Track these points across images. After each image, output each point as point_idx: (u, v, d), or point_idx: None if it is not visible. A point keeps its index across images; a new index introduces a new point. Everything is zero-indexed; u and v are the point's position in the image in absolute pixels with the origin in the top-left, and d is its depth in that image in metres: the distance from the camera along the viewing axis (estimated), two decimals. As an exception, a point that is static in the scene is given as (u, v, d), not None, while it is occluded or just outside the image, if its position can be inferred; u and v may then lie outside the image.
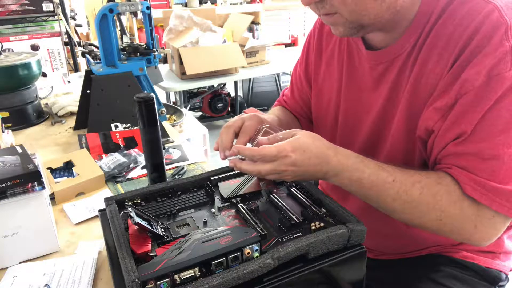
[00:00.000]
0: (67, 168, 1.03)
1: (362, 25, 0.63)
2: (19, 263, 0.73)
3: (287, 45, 4.58)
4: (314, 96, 0.91)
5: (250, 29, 4.04)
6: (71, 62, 2.45)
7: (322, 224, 0.59)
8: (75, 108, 1.46)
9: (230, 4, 4.20)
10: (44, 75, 1.78)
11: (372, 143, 0.78)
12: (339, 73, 0.82)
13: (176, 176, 1.03)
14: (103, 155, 1.10)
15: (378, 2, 0.60)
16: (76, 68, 2.46)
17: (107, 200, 0.68)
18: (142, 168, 1.06)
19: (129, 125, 1.25)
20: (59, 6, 2.23)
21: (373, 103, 0.76)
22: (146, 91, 1.29)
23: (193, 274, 0.50)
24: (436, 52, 0.63)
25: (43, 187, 0.70)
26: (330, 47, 0.85)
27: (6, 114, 1.34)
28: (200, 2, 4.04)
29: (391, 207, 0.64)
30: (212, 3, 4.08)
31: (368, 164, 0.64)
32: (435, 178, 0.63)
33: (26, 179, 0.68)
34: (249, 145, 0.69)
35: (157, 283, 0.48)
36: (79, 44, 2.29)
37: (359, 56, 0.77)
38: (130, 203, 0.67)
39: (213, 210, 0.67)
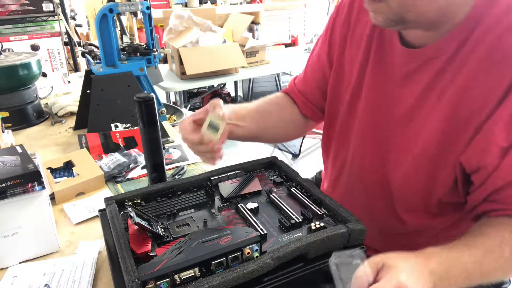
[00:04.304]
0: (67, 168, 1.03)
1: (405, 20, 0.61)
2: (19, 263, 0.73)
3: (287, 45, 4.58)
4: (334, 76, 0.85)
5: (250, 29, 4.04)
6: (71, 62, 2.45)
7: (322, 224, 0.59)
8: (75, 108, 1.46)
9: (230, 4, 4.20)
10: (44, 75, 1.78)
11: (398, 142, 0.74)
12: (365, 59, 0.78)
13: (176, 176, 1.03)
14: (103, 155, 1.10)
15: (430, 1, 0.58)
16: (76, 68, 2.46)
17: (107, 200, 0.68)
18: (142, 168, 1.06)
19: (129, 125, 1.25)
20: (59, 6, 2.23)
21: (400, 100, 0.73)
22: (146, 91, 1.29)
23: (193, 274, 0.50)
24: (488, 65, 0.61)
25: (43, 187, 0.70)
26: (360, 29, 0.79)
27: (6, 114, 1.34)
28: (200, 2, 4.04)
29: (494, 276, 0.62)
30: (212, 3, 4.08)
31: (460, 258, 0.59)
32: (507, 229, 0.61)
33: (26, 179, 0.68)
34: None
35: (157, 283, 0.48)
36: (79, 44, 2.29)
37: (390, 47, 0.73)
38: (130, 203, 0.67)
39: (213, 210, 0.67)
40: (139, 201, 0.70)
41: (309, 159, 2.60)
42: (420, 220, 0.78)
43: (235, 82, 3.74)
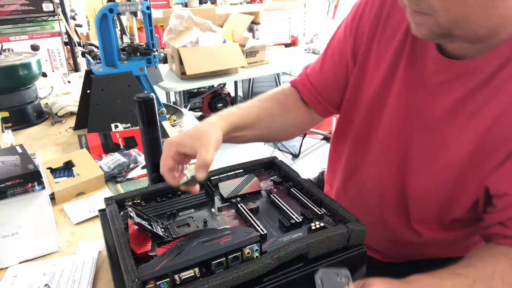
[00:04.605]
0: (67, 168, 1.03)
1: (452, 35, 0.57)
2: (19, 263, 0.73)
3: (287, 45, 4.58)
4: (357, 73, 0.79)
5: (250, 29, 4.04)
6: (71, 62, 2.45)
7: (322, 224, 0.59)
8: (75, 108, 1.46)
9: (230, 4, 4.19)
10: (44, 75, 1.78)
11: (423, 152, 0.71)
12: (396, 59, 0.72)
13: (176, 176, 1.02)
14: (103, 155, 1.10)
15: (485, 19, 0.54)
16: (76, 68, 2.46)
17: (107, 200, 0.68)
18: (142, 168, 1.06)
19: (129, 125, 1.25)
20: (59, 6, 2.23)
21: (429, 108, 0.69)
22: (146, 91, 1.29)
23: (193, 274, 0.50)
24: None
25: (43, 187, 0.70)
26: (392, 26, 0.73)
27: (6, 114, 1.34)
28: (200, 2, 4.04)
29: None
30: (212, 3, 4.07)
31: (443, 276, 0.59)
32: (507, 260, 0.61)
33: (26, 179, 0.68)
34: None
35: (157, 283, 0.48)
36: (79, 44, 2.29)
37: (425, 52, 0.69)
38: (130, 203, 0.67)
39: (213, 210, 0.67)
40: (139, 201, 0.70)
41: (309, 159, 2.60)
42: (433, 232, 0.76)
43: (235, 82, 3.74)
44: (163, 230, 0.61)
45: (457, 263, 0.63)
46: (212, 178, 0.75)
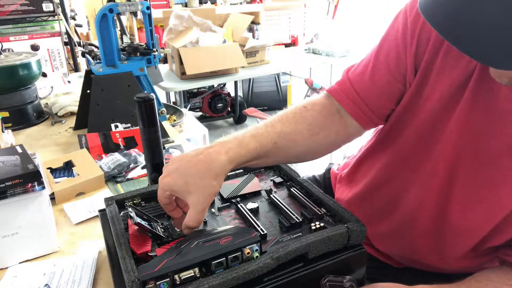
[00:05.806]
0: (67, 168, 1.03)
1: None
2: (19, 263, 0.73)
3: (287, 45, 4.58)
4: (416, 84, 0.68)
5: (250, 29, 4.04)
6: (71, 62, 2.45)
7: (322, 224, 0.59)
8: (75, 108, 1.46)
9: (230, 4, 4.20)
10: (44, 75, 1.78)
11: (472, 185, 0.66)
12: (466, 75, 0.63)
13: (176, 176, 1.02)
14: (103, 155, 1.10)
15: None
16: (76, 68, 2.46)
17: (107, 200, 0.68)
18: (142, 168, 1.06)
19: (129, 125, 1.25)
20: (59, 6, 2.24)
21: (488, 136, 0.62)
22: (146, 91, 1.29)
23: (193, 274, 0.50)
24: None
25: (43, 187, 0.70)
26: None
27: (6, 114, 1.34)
28: (200, 2, 4.04)
29: None
30: (212, 3, 4.08)
31: None
32: None
33: (26, 179, 0.68)
34: None
35: (157, 283, 0.48)
36: (79, 44, 2.30)
37: None
38: (130, 203, 0.67)
39: (213, 210, 0.67)
40: (139, 201, 0.70)
41: (309, 159, 2.60)
42: (462, 261, 0.73)
43: (235, 82, 3.74)
44: (163, 230, 0.61)
45: (468, 280, 0.62)
46: (212, 178, 0.75)
